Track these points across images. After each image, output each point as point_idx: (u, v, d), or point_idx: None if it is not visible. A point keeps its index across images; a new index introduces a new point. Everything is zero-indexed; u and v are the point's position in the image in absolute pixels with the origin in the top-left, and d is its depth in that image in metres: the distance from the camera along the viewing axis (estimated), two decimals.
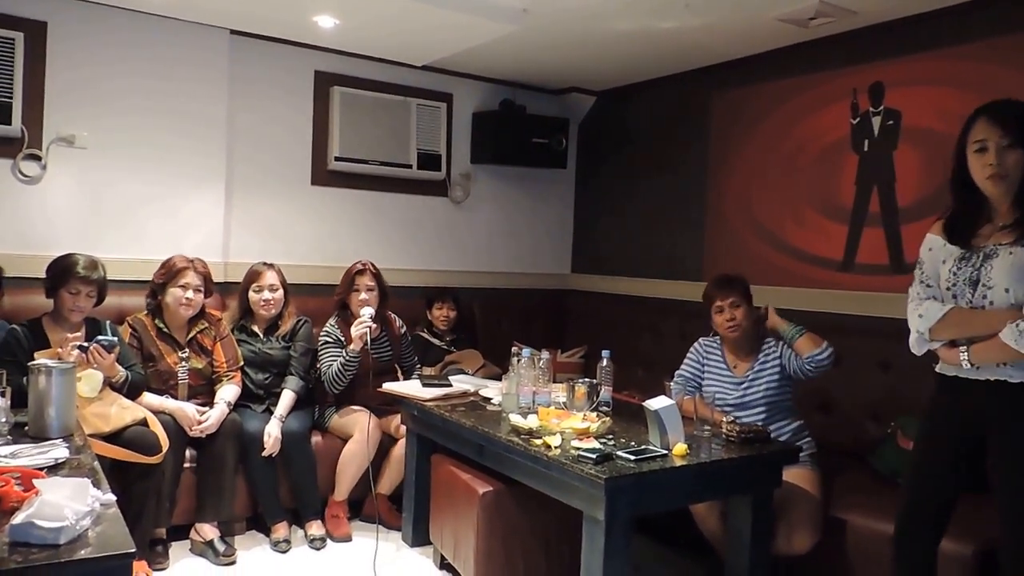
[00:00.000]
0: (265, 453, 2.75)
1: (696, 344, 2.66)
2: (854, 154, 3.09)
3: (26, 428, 1.92)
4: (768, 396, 2.45)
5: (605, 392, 2.48)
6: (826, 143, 3.19)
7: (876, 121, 3.01)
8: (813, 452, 2.46)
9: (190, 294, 2.74)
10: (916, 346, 1.83)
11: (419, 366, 3.30)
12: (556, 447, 2.04)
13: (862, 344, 2.83)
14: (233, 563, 2.58)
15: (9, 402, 1.91)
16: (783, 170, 3.35)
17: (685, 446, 2.05)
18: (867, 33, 2.99)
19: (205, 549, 2.63)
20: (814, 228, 3.22)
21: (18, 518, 1.25)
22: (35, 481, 1.44)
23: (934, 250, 1.85)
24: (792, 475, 2.30)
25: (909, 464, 1.97)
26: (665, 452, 2.03)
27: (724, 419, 2.27)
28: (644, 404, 2.15)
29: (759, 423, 2.36)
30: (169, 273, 2.75)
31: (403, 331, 3.25)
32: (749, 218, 3.49)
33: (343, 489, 2.90)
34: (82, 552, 1.22)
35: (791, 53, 3.27)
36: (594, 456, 1.93)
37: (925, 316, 1.78)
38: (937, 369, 1.87)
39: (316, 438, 2.96)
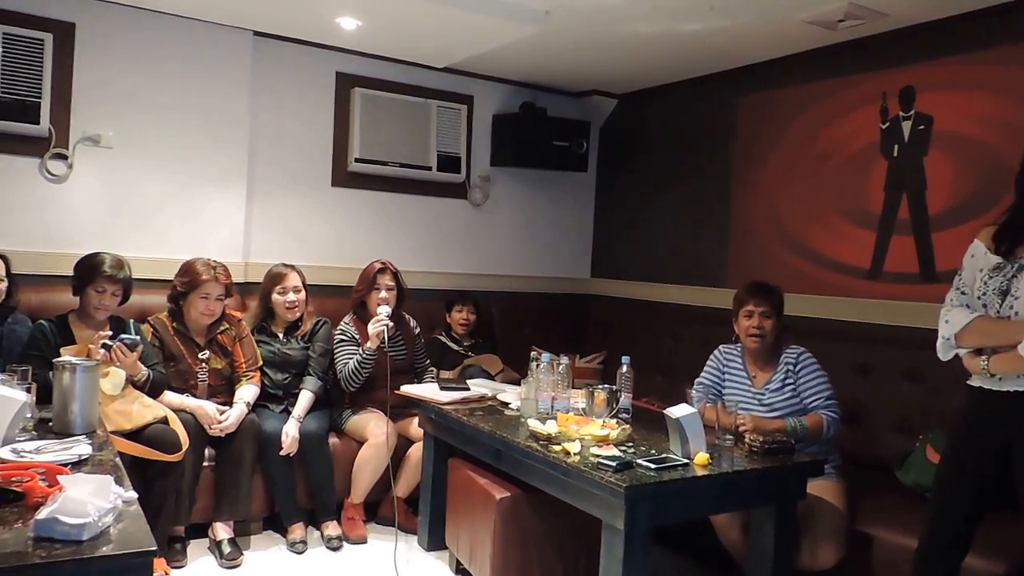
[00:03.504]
0: (283, 452, 2.75)
1: (716, 351, 2.62)
2: (883, 159, 3.02)
3: (50, 424, 1.95)
4: (789, 408, 2.40)
5: (625, 399, 2.44)
6: (854, 148, 3.12)
7: (907, 126, 2.94)
8: (838, 464, 2.40)
9: (211, 304, 2.75)
10: (942, 351, 1.84)
11: (432, 370, 3.29)
12: (575, 454, 2.01)
13: (890, 354, 2.77)
14: (237, 566, 2.57)
15: (35, 397, 1.93)
16: (810, 175, 3.29)
17: (707, 455, 2.01)
18: (898, 36, 2.93)
19: (214, 549, 2.64)
20: (841, 235, 3.15)
21: (42, 513, 1.26)
22: (59, 477, 1.45)
23: (976, 257, 1.84)
24: (817, 487, 2.24)
25: (936, 479, 1.92)
26: (686, 461, 2.00)
27: (747, 430, 2.23)
28: (665, 412, 2.11)
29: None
30: (191, 283, 2.74)
31: (417, 332, 3.24)
32: (774, 224, 3.43)
33: (359, 492, 2.89)
34: (104, 549, 1.23)
35: (818, 56, 3.21)
36: (614, 464, 1.90)
37: (951, 322, 1.80)
38: (968, 380, 1.85)
39: (333, 439, 2.95)
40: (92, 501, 1.29)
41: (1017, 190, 1.78)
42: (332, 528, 2.80)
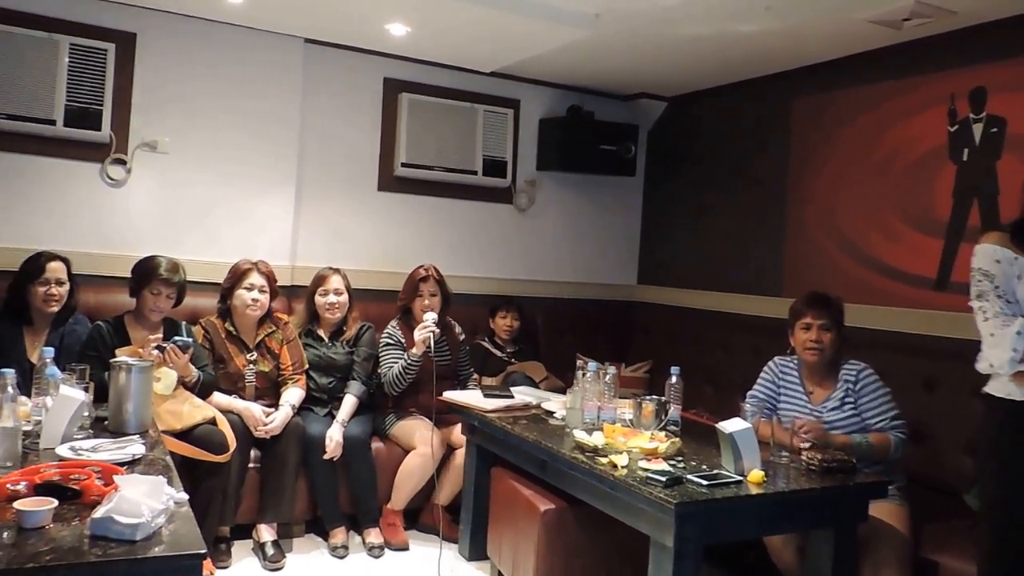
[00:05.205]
0: (326, 456, 2.77)
1: (771, 363, 2.52)
2: (952, 164, 2.86)
3: (106, 423, 2.00)
4: (849, 427, 2.29)
5: (674, 411, 2.37)
6: (919, 152, 2.97)
7: (977, 128, 2.79)
8: (902, 486, 2.28)
9: (256, 294, 2.79)
10: (1007, 367, 1.73)
11: (475, 376, 3.26)
12: (623, 467, 1.95)
13: (958, 370, 2.59)
14: (280, 568, 2.59)
15: (92, 396, 1.99)
16: (871, 180, 3.15)
17: (761, 473, 1.92)
18: (967, 34, 2.77)
19: (258, 550, 2.66)
20: (905, 243, 3.00)
21: (99, 512, 1.29)
22: (115, 477, 1.48)
23: (1004, 262, 1.76)
24: (878, 510, 2.12)
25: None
26: (740, 478, 1.91)
27: (804, 446, 2.13)
28: (718, 426, 2.03)
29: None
30: (235, 276, 2.83)
31: (462, 338, 3.23)
32: (833, 231, 3.30)
33: (401, 499, 2.88)
34: (156, 550, 1.26)
35: (881, 56, 3.07)
36: (664, 479, 1.83)
37: None
38: (1005, 396, 1.76)
39: (376, 444, 2.95)
40: (146, 502, 1.31)
41: None
42: (374, 535, 2.79)
